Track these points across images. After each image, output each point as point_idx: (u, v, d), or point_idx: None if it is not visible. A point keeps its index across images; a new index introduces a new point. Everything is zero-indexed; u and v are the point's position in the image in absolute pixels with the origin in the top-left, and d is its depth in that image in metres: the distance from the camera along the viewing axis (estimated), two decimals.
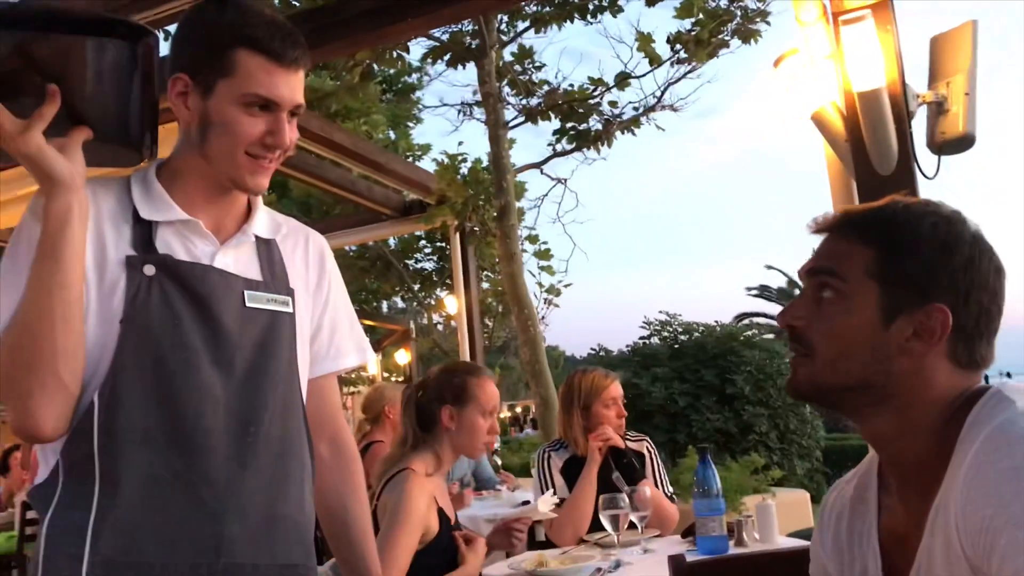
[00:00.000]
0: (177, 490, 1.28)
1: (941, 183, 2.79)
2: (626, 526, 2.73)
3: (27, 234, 1.28)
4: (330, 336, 1.58)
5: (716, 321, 10.93)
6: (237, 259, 1.43)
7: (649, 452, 3.38)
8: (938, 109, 2.77)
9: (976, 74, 2.75)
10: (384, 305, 16.57)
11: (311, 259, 1.57)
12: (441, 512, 2.37)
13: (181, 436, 1.29)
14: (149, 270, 1.32)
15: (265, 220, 1.51)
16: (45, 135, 1.23)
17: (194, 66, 1.35)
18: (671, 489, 3.38)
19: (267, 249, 1.49)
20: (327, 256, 1.61)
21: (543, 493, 3.19)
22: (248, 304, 1.39)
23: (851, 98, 2.77)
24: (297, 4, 6.48)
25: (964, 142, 2.74)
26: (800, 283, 1.18)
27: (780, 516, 2.94)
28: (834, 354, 1.08)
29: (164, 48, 1.42)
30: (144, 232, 1.36)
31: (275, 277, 1.47)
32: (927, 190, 2.77)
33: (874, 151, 2.73)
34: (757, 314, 25.12)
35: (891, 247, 1.07)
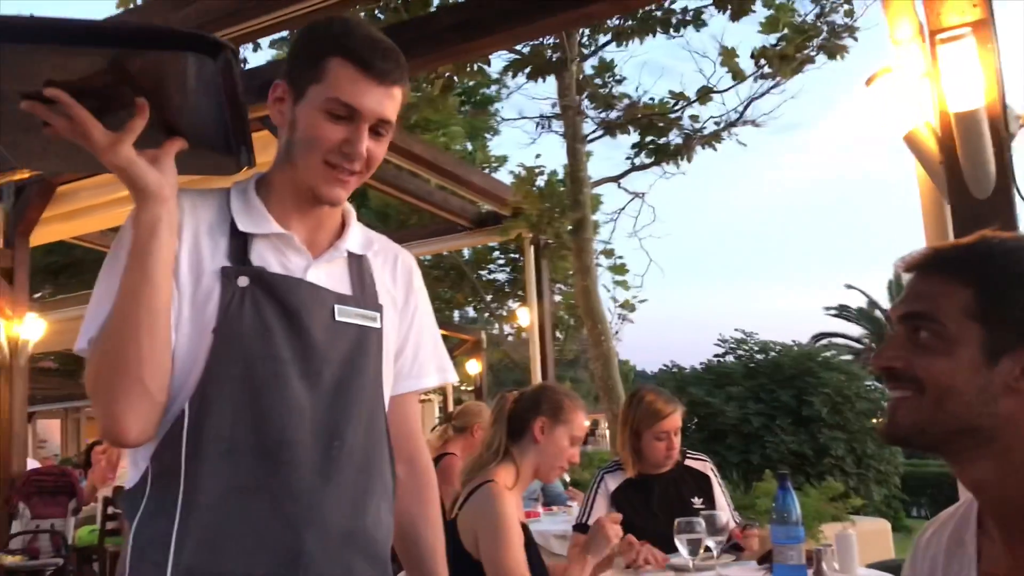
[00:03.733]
0: (260, 501, 1.29)
1: None
2: (702, 550, 2.68)
3: (125, 243, 1.31)
4: (414, 354, 1.58)
5: (793, 341, 10.73)
6: (329, 273, 1.44)
7: (713, 473, 3.27)
8: None
9: None
10: (455, 314, 16.70)
11: (399, 276, 1.57)
12: (523, 526, 2.39)
13: (266, 447, 1.31)
14: (243, 281, 1.34)
15: (358, 236, 1.52)
16: (139, 147, 1.26)
17: (292, 73, 1.39)
18: (737, 516, 3.27)
19: (358, 264, 1.50)
20: (415, 275, 1.61)
21: (583, 516, 3.14)
22: (338, 318, 1.40)
23: (947, 119, 2.69)
24: (381, 18, 6.59)
25: None
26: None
27: (860, 546, 2.85)
28: (940, 393, 1.03)
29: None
30: (240, 244, 1.38)
31: (365, 292, 1.48)
32: None
33: (970, 174, 2.64)
34: (836, 335, 24.51)
35: (991, 286, 1.03)
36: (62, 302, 10.76)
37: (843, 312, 25.60)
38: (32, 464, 8.47)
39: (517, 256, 12.80)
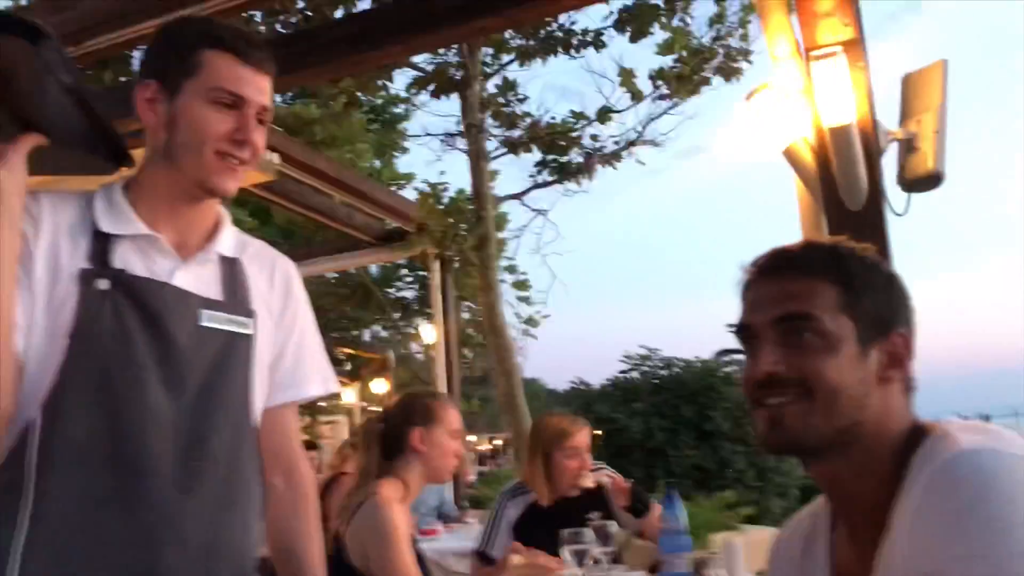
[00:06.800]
0: (114, 513, 1.24)
1: (911, 220, 2.81)
2: (591, 560, 2.68)
3: None
4: (294, 364, 1.54)
5: (696, 356, 10.92)
6: (198, 277, 1.39)
7: (607, 478, 3.28)
8: (908, 146, 2.79)
9: (946, 112, 2.78)
10: (367, 333, 16.50)
11: (277, 283, 1.53)
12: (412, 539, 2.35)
13: (123, 456, 1.26)
14: (103, 284, 1.29)
15: (231, 239, 1.48)
16: None
17: (161, 71, 1.36)
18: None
19: (230, 268, 1.45)
20: (294, 281, 1.57)
21: (485, 544, 3.13)
22: (204, 323, 1.36)
23: (822, 133, 2.79)
24: (284, 31, 6.51)
25: (933, 180, 2.76)
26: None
27: (750, 554, 2.90)
28: (830, 391, 1.03)
29: None
30: (101, 246, 1.32)
31: (236, 297, 1.43)
32: (897, 226, 2.79)
33: (844, 186, 2.74)
34: (739, 351, 25.03)
35: (852, 282, 1.07)
36: None
37: None
38: None
39: (425, 274, 12.73)
